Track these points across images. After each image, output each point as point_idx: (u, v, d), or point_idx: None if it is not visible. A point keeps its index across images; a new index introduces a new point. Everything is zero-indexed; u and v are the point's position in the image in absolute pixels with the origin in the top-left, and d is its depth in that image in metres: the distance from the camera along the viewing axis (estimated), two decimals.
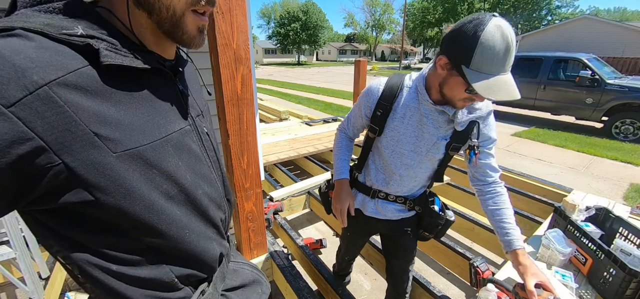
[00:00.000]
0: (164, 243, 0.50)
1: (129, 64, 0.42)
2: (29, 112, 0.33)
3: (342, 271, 1.76)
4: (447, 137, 1.03)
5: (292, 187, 2.63)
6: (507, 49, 0.77)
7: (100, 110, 0.39)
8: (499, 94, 0.79)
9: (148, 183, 0.45)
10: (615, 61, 12.18)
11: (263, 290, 0.82)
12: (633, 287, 1.18)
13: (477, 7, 26.59)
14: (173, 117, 0.51)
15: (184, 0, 0.44)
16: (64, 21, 0.39)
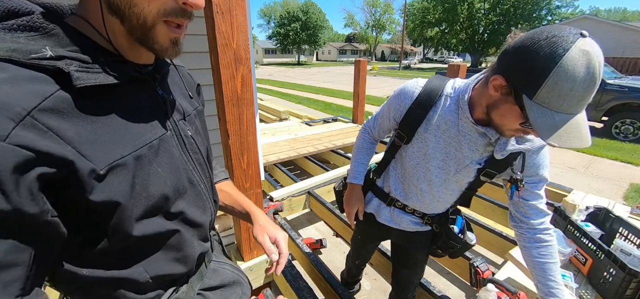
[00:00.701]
0: (141, 246, 0.51)
1: (102, 82, 0.42)
2: (27, 137, 0.34)
3: (352, 279, 1.73)
4: (481, 161, 0.88)
5: (292, 187, 2.63)
6: (591, 84, 0.58)
7: (78, 130, 0.40)
8: (566, 141, 0.61)
9: (130, 191, 0.45)
10: (615, 61, 12.17)
11: (243, 291, 0.81)
12: (633, 287, 1.18)
13: (476, 7, 26.58)
14: (152, 124, 0.51)
15: (156, 11, 0.43)
16: (30, 43, 0.38)
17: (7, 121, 0.32)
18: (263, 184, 2.89)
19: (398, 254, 1.34)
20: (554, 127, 0.61)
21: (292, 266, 1.68)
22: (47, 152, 0.35)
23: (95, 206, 0.42)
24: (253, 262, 1.68)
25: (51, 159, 0.36)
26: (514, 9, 24.73)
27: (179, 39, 0.48)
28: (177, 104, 0.59)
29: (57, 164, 0.37)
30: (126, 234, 0.47)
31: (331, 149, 3.76)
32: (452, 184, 0.97)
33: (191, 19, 0.48)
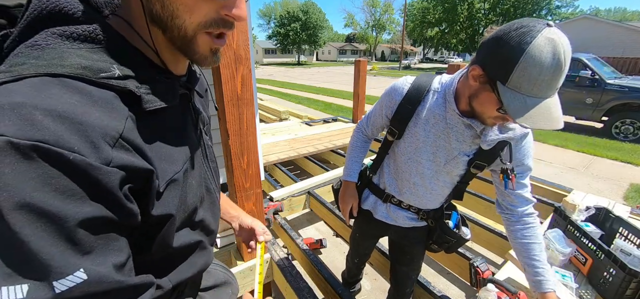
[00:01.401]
0: (176, 256, 0.53)
1: (166, 105, 0.44)
2: (123, 158, 0.36)
3: (352, 278, 1.74)
4: (470, 153, 0.92)
5: (292, 187, 2.63)
6: (558, 69, 0.63)
7: (149, 148, 0.41)
8: (537, 122, 0.66)
9: (179, 204, 0.48)
10: (615, 61, 12.17)
11: (233, 291, 0.85)
12: (633, 287, 1.19)
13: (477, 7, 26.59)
14: (191, 138, 0.53)
15: (196, 23, 0.42)
16: (97, 59, 0.38)
17: (106, 146, 0.34)
18: (263, 184, 2.89)
19: (395, 251, 1.36)
20: (525, 110, 0.66)
21: (292, 266, 1.68)
22: (135, 168, 0.38)
23: (152, 220, 0.43)
24: (253, 262, 1.68)
25: (137, 174, 0.39)
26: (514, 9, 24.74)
27: (220, 48, 0.48)
28: (202, 114, 0.61)
29: (140, 178, 0.40)
30: (168, 244, 0.49)
31: (331, 149, 3.76)
32: (443, 177, 1.00)
33: (233, 28, 0.47)
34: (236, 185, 1.43)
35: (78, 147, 0.32)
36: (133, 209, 0.39)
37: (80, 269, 0.32)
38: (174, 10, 0.41)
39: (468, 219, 2.28)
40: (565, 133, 6.22)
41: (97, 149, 0.33)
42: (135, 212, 0.39)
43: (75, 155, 0.31)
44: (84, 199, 0.33)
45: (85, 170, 0.32)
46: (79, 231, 0.33)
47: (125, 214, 0.38)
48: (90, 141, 0.33)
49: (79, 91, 0.35)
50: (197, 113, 0.56)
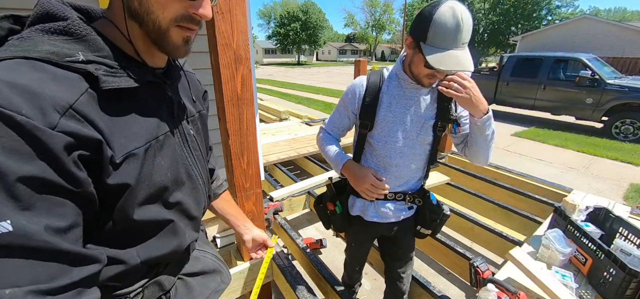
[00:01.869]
0: (140, 230, 0.57)
1: (124, 86, 0.49)
2: (71, 126, 0.41)
3: (353, 282, 1.71)
4: (433, 116, 1.08)
5: (292, 187, 2.63)
6: (457, 26, 0.86)
7: (105, 122, 0.46)
8: (448, 65, 0.88)
9: (137, 177, 0.52)
10: (615, 61, 12.17)
11: (223, 279, 0.85)
12: (633, 287, 1.19)
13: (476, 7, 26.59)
14: (160, 122, 0.57)
15: (169, 18, 0.50)
16: (66, 47, 0.44)
17: (54, 112, 0.39)
18: (263, 184, 2.89)
19: (388, 249, 1.38)
20: (438, 58, 0.88)
21: (292, 266, 1.68)
22: (84, 136, 0.43)
23: (108, 188, 0.48)
24: (253, 262, 1.68)
25: (87, 143, 0.43)
26: (514, 9, 24.73)
27: (191, 37, 0.55)
28: (183, 105, 0.66)
29: (90, 147, 0.44)
30: (128, 216, 0.53)
31: None
32: (418, 149, 1.11)
33: (200, 26, 0.55)
34: (236, 185, 1.43)
35: (26, 111, 0.37)
36: (80, 175, 0.43)
37: (7, 220, 0.36)
38: (149, 6, 0.49)
39: (468, 219, 2.28)
40: (565, 133, 6.22)
41: (43, 114, 0.38)
42: (83, 179, 0.43)
43: (22, 117, 0.36)
44: (27, 158, 0.37)
45: (30, 131, 0.37)
46: (18, 186, 0.36)
47: (72, 179, 0.42)
48: (39, 107, 0.38)
49: (44, 70, 0.41)
50: (172, 102, 0.62)
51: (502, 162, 3.83)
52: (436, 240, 2.03)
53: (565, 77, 6.41)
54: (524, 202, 2.57)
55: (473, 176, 3.00)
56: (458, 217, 2.35)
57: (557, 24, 19.08)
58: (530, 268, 1.34)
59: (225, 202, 0.96)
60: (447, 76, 0.97)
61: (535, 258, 1.49)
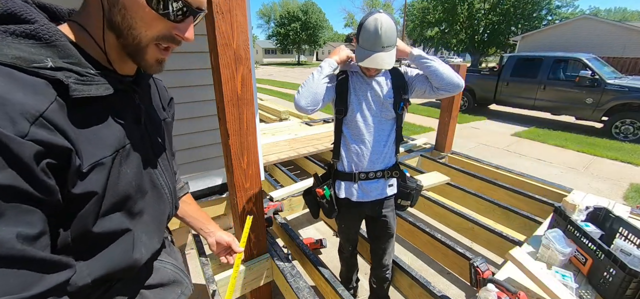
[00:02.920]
0: (95, 242, 0.54)
1: (95, 94, 0.48)
2: (40, 134, 0.40)
3: (350, 272, 1.79)
4: (391, 96, 1.30)
5: (292, 187, 2.63)
6: (376, 33, 1.12)
7: (74, 131, 0.45)
8: (368, 63, 1.16)
9: (104, 186, 0.51)
10: (615, 61, 12.17)
11: (183, 291, 0.81)
12: (633, 287, 1.19)
13: (476, 7, 26.58)
14: (128, 130, 0.57)
15: (151, 36, 0.51)
16: (33, 52, 0.42)
17: (24, 121, 0.38)
18: (263, 184, 2.89)
19: (373, 229, 1.56)
20: (364, 57, 1.16)
21: (292, 266, 1.68)
22: (54, 145, 0.42)
23: (72, 197, 0.47)
24: (253, 262, 1.68)
25: (57, 151, 0.42)
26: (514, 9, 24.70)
27: (164, 59, 0.56)
28: (150, 113, 0.66)
29: (59, 155, 0.43)
30: (87, 227, 0.51)
31: (331, 149, 3.76)
32: (384, 124, 1.33)
33: (180, 45, 0.56)
34: (236, 185, 1.43)
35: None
36: (50, 183, 0.42)
37: None
38: (132, 23, 0.49)
39: (468, 219, 2.28)
40: (565, 133, 6.22)
41: (13, 123, 0.37)
42: (52, 187, 0.43)
43: None
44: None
45: (1, 140, 0.36)
46: None
47: (41, 188, 0.41)
48: (8, 116, 0.37)
49: (8, 75, 0.39)
50: (140, 110, 0.61)
51: (502, 162, 3.83)
52: (436, 240, 2.03)
53: (565, 77, 6.41)
54: (524, 202, 2.57)
55: (473, 176, 3.00)
56: (458, 217, 2.35)
57: (557, 24, 19.08)
58: (530, 268, 1.34)
59: (186, 204, 0.93)
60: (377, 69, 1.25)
61: (535, 258, 1.49)
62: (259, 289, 1.79)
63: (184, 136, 2.21)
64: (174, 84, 2.07)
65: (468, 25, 27.74)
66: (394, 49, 1.19)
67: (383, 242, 1.54)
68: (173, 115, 0.81)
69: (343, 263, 1.79)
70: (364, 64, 1.16)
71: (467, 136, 6.03)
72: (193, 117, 2.23)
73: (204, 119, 2.28)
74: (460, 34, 28.62)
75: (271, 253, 1.76)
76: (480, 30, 27.59)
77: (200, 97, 2.21)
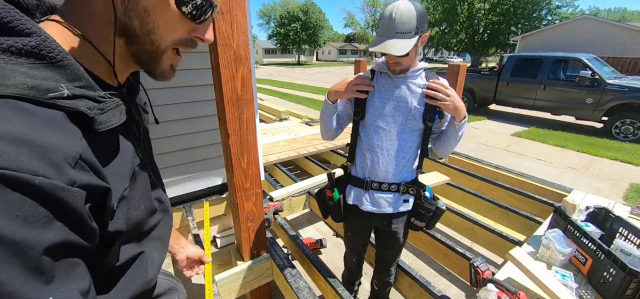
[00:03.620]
0: (116, 273, 0.51)
1: (117, 124, 0.43)
2: (84, 178, 0.36)
3: (353, 278, 1.75)
4: (422, 104, 1.15)
5: (292, 187, 2.63)
6: (390, 17, 1.02)
7: (103, 172, 0.41)
8: (377, 48, 1.05)
9: (127, 220, 0.47)
10: (615, 61, 12.18)
11: (179, 297, 0.81)
12: (633, 287, 1.19)
13: (476, 7, 26.58)
14: (134, 152, 0.52)
15: (171, 40, 0.46)
16: (41, 76, 0.34)
17: (69, 167, 0.33)
18: (263, 184, 2.89)
19: (382, 239, 1.46)
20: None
21: (292, 266, 1.68)
22: (95, 187, 0.38)
23: (107, 236, 0.43)
24: (253, 262, 1.68)
25: (96, 193, 0.38)
26: (514, 9, 24.69)
27: (178, 64, 0.51)
28: (144, 126, 0.61)
29: (99, 197, 0.39)
30: (111, 262, 0.47)
31: (331, 149, 3.76)
32: (407, 134, 1.18)
33: (195, 47, 0.51)
34: (236, 185, 1.43)
35: (43, 170, 0.30)
36: (95, 228, 0.39)
37: (49, 298, 0.31)
38: (154, 27, 0.43)
39: (468, 219, 2.28)
40: (565, 133, 6.22)
41: (61, 171, 0.32)
42: (97, 231, 0.39)
43: (41, 178, 0.30)
44: (50, 224, 0.31)
45: (53, 193, 0.31)
46: (44, 259, 0.31)
47: (90, 235, 0.38)
48: (54, 163, 0.32)
49: (28, 113, 0.32)
50: (139, 126, 0.57)
51: (502, 162, 3.83)
52: (436, 240, 2.03)
53: (565, 77, 6.41)
54: (524, 202, 2.57)
55: (473, 176, 3.00)
56: (458, 217, 2.35)
57: (557, 24, 19.08)
58: (530, 268, 1.34)
59: None
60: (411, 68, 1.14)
61: (535, 258, 1.49)
62: (259, 289, 1.79)
63: (184, 136, 2.21)
64: (174, 84, 2.07)
65: (468, 25, 27.72)
66: (412, 39, 1.03)
67: (390, 251, 1.46)
68: (147, 120, 0.73)
69: (347, 269, 1.74)
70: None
71: (467, 136, 6.03)
72: (193, 117, 2.22)
73: (204, 119, 2.28)
74: (460, 34, 28.60)
75: (271, 253, 1.76)
76: (480, 30, 27.57)
77: (200, 97, 2.21)
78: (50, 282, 0.32)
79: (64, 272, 0.34)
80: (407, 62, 1.10)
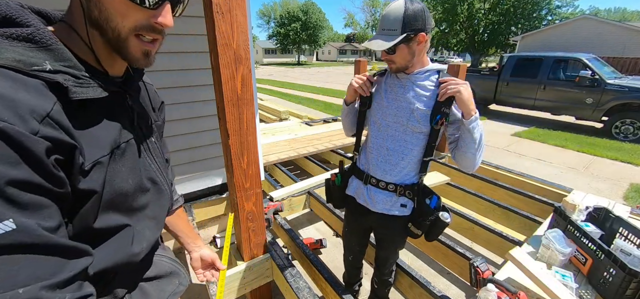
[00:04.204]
0: (96, 237, 0.56)
1: (92, 96, 0.49)
2: (49, 132, 0.42)
3: (353, 280, 1.76)
4: (430, 106, 1.11)
5: (292, 187, 2.63)
6: (380, 17, 1.07)
7: (76, 132, 0.47)
8: (364, 44, 1.11)
9: (103, 184, 0.53)
10: (615, 61, 12.17)
11: (180, 281, 0.83)
12: (633, 287, 1.19)
13: (476, 7, 26.58)
14: (122, 130, 0.58)
15: (129, 27, 0.50)
16: (31, 55, 0.44)
17: (33, 120, 0.40)
18: (263, 184, 2.89)
19: (379, 240, 1.47)
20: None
21: (292, 266, 1.68)
22: (61, 141, 0.44)
23: (77, 192, 0.49)
24: (253, 262, 1.68)
25: (62, 147, 0.44)
26: (514, 9, 24.70)
27: (151, 51, 0.55)
28: (143, 114, 0.68)
29: (65, 151, 0.45)
30: (88, 223, 0.53)
31: (331, 149, 3.76)
32: (409, 135, 1.16)
33: (163, 35, 0.56)
34: (236, 185, 1.43)
35: (8, 117, 0.38)
36: (61, 177, 0.44)
37: (9, 218, 0.37)
38: (109, 14, 0.48)
39: (468, 219, 2.28)
40: (565, 133, 6.22)
41: (24, 121, 0.39)
42: (64, 180, 0.45)
43: (6, 124, 0.37)
44: (13, 163, 0.38)
45: (14, 136, 0.38)
46: (9, 189, 0.37)
47: (54, 181, 0.43)
48: (19, 115, 0.39)
49: (12, 78, 0.41)
50: (132, 111, 0.63)
51: (502, 162, 3.83)
52: (436, 240, 2.03)
53: (565, 77, 6.41)
54: (524, 202, 2.57)
55: (473, 176, 3.00)
56: (458, 217, 2.35)
57: (557, 24, 19.07)
58: (530, 268, 1.34)
59: (178, 218, 0.94)
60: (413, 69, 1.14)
61: (535, 258, 1.49)
62: (259, 289, 1.79)
63: (184, 136, 2.21)
64: (174, 84, 2.07)
65: (468, 25, 27.74)
66: (395, 37, 1.02)
67: (384, 252, 1.46)
68: (164, 119, 0.81)
69: (346, 270, 1.76)
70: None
71: None
72: (193, 117, 2.23)
73: (204, 119, 2.28)
74: (460, 34, 28.62)
75: (271, 253, 1.76)
76: (480, 30, 27.59)
77: (200, 97, 2.21)
78: (18, 209, 0.38)
79: (32, 207, 0.40)
80: (400, 60, 1.08)
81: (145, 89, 0.73)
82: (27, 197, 0.40)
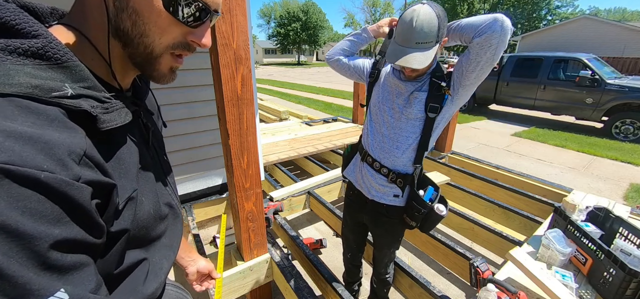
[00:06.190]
0: (117, 279, 0.49)
1: (121, 124, 0.43)
2: (89, 175, 0.36)
3: (352, 278, 1.78)
4: (425, 89, 1.11)
5: (292, 187, 2.63)
6: (409, 26, 0.95)
7: (107, 165, 0.41)
8: (393, 59, 0.98)
9: (133, 220, 0.47)
10: (615, 61, 12.17)
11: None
12: (633, 287, 1.19)
13: (477, 7, 26.58)
14: (142, 155, 0.52)
15: (165, 45, 0.45)
16: (45, 77, 0.35)
17: (73, 163, 0.34)
18: (263, 184, 2.89)
19: (375, 236, 1.47)
20: (394, 54, 0.99)
21: (292, 266, 1.68)
22: (99, 183, 0.38)
23: (109, 235, 0.42)
24: (253, 262, 1.68)
25: (102, 189, 0.38)
26: (514, 9, 24.73)
27: (178, 67, 0.50)
28: (155, 130, 0.60)
29: (103, 193, 0.39)
30: (111, 269, 0.46)
31: (331, 149, 3.76)
32: (404, 123, 1.15)
33: (193, 51, 0.50)
34: (236, 185, 1.43)
35: (47, 165, 0.31)
36: (103, 225, 0.39)
37: (60, 289, 0.31)
38: (145, 29, 0.42)
39: (468, 219, 2.28)
40: (565, 133, 6.22)
41: (65, 167, 0.33)
42: (104, 228, 0.39)
43: (46, 174, 0.31)
44: (56, 220, 0.32)
45: (59, 188, 0.32)
46: (53, 253, 0.31)
47: (98, 231, 0.38)
48: (58, 159, 0.32)
49: (32, 111, 0.33)
50: (147, 129, 0.56)
51: (502, 162, 3.83)
52: (436, 240, 2.03)
53: (565, 77, 6.41)
54: (524, 202, 2.57)
55: (473, 176, 3.00)
56: (458, 217, 2.35)
57: (557, 24, 19.08)
58: (530, 268, 1.34)
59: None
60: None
61: (535, 258, 1.49)
62: (259, 289, 1.79)
63: (184, 136, 2.21)
64: (174, 84, 2.07)
65: None
66: (433, 48, 0.97)
67: (382, 250, 1.47)
68: (161, 126, 0.73)
69: (346, 269, 1.78)
70: (390, 61, 1.00)
71: (467, 136, 6.03)
72: (193, 117, 2.23)
73: (204, 119, 2.28)
74: None
75: (271, 253, 1.76)
76: None
77: (200, 97, 2.21)
78: (64, 275, 0.32)
79: (76, 269, 0.34)
80: (426, 68, 1.08)
81: (151, 94, 0.66)
82: (69, 259, 0.33)
